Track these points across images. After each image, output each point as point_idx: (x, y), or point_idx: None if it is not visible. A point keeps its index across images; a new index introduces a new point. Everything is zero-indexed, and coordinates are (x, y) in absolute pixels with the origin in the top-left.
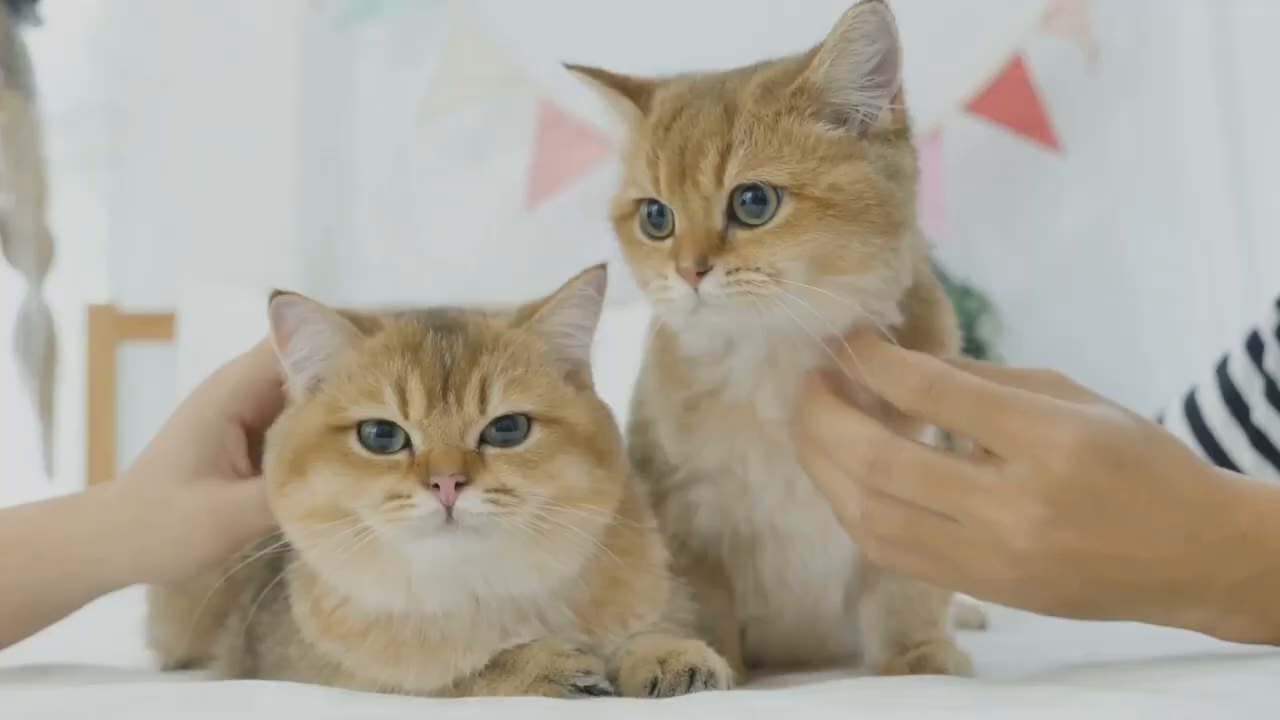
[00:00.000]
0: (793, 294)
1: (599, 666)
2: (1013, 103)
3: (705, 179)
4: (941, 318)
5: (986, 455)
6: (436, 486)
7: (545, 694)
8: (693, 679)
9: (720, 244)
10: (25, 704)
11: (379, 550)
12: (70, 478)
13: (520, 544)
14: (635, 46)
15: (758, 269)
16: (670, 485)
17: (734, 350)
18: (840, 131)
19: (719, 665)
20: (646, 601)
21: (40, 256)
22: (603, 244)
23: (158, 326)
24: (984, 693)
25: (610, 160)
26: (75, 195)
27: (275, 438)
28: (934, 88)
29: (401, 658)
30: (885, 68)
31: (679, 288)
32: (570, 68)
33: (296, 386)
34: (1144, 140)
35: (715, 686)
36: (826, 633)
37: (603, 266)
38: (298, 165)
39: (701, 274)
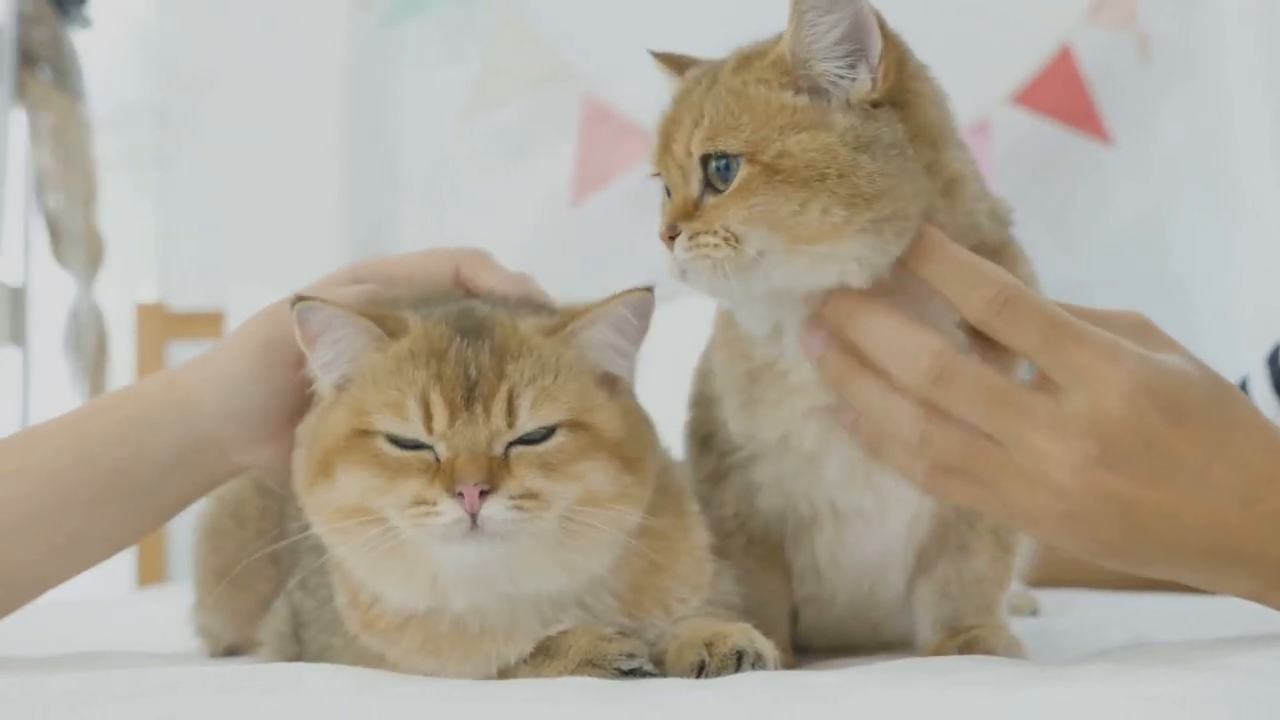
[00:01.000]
0: (751, 259)
1: (642, 649)
2: (1061, 95)
3: (679, 148)
4: (1021, 268)
5: (1046, 384)
6: (461, 494)
7: (588, 677)
8: (740, 661)
9: (693, 211)
10: (73, 684)
11: (406, 550)
12: None
13: (547, 545)
14: (681, 41)
15: (714, 232)
16: (733, 464)
17: (783, 331)
18: (805, 100)
19: (766, 647)
20: (688, 585)
21: (90, 257)
22: (649, 241)
23: (206, 325)
24: (1032, 671)
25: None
26: (123, 195)
27: (304, 437)
28: (982, 80)
29: (441, 651)
30: (853, 37)
31: (666, 255)
32: (655, 55)
33: (324, 386)
34: (1194, 131)
35: (763, 669)
36: (882, 620)
37: (649, 290)
38: (343, 163)
39: (674, 239)
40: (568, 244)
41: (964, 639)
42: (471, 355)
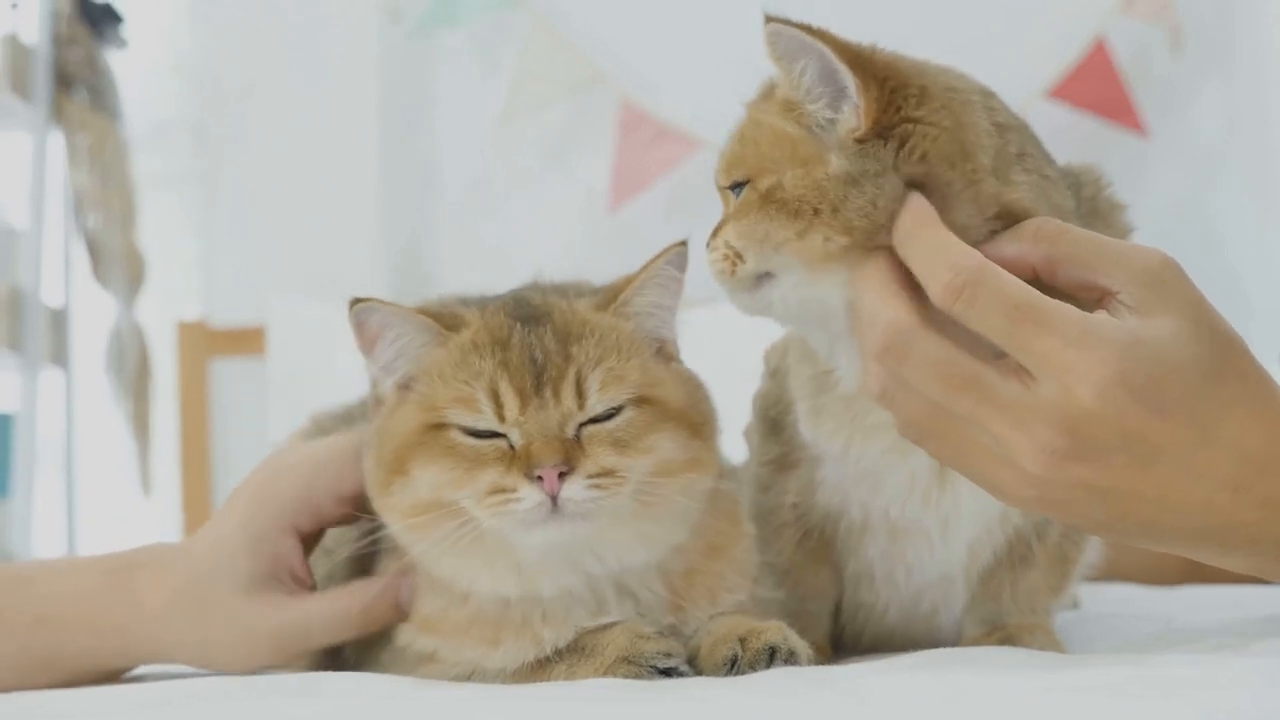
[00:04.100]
0: (752, 277)
1: (679, 649)
2: (1096, 87)
3: (718, 174)
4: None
5: (1019, 368)
6: (540, 478)
7: (624, 675)
8: (772, 657)
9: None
10: (96, 696)
11: (486, 540)
12: (167, 494)
13: (626, 519)
14: (714, 45)
15: (716, 247)
16: (802, 456)
17: (837, 351)
18: (805, 134)
19: (799, 645)
20: (738, 573)
21: (130, 276)
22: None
23: (248, 341)
24: (1056, 659)
25: (691, 159)
26: (163, 213)
27: (372, 440)
28: (1016, 75)
29: (500, 640)
30: (826, 79)
31: None
32: None
33: (386, 387)
34: (1231, 119)
35: (795, 665)
36: (939, 641)
37: (683, 244)
38: (381, 175)
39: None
40: (607, 249)
41: (1001, 635)
42: (535, 341)
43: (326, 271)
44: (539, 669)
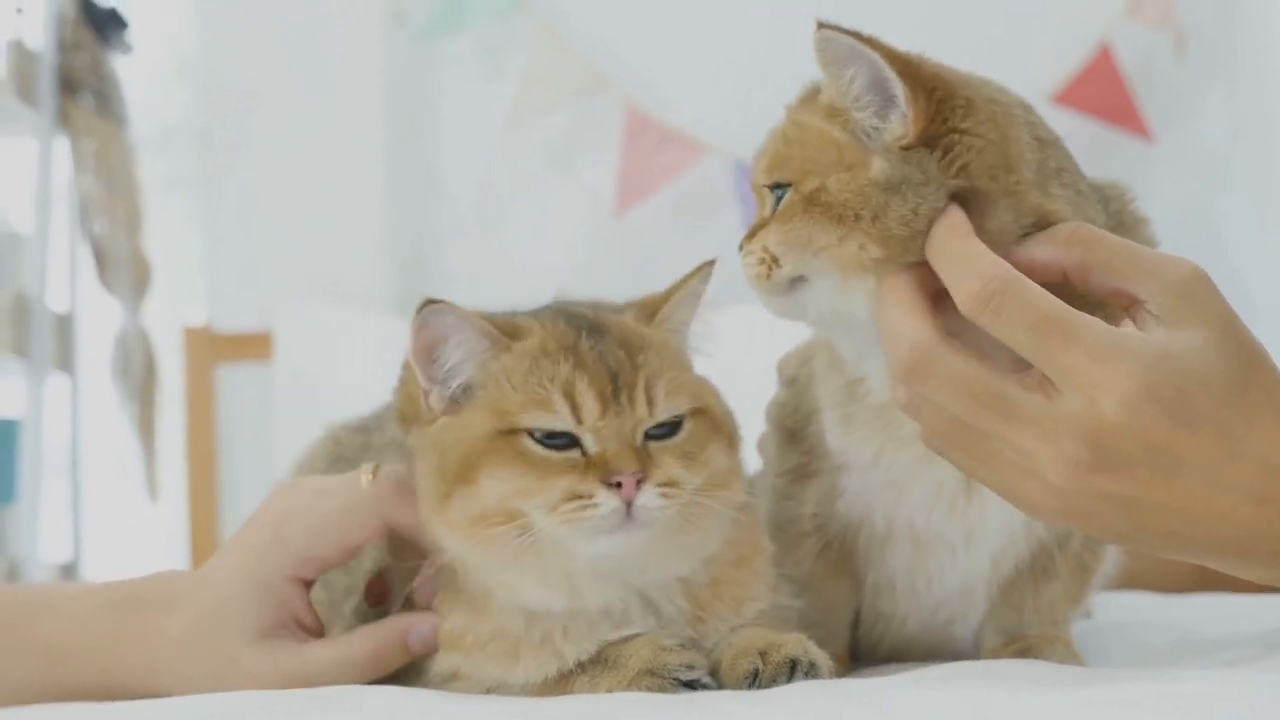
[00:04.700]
0: (787, 281)
1: (702, 661)
2: (1101, 93)
3: (755, 174)
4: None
5: (1044, 380)
6: (617, 485)
7: (648, 688)
8: (794, 670)
9: (757, 231)
10: (134, 713)
11: (543, 550)
12: (173, 500)
13: (672, 531)
14: (718, 50)
15: (753, 251)
16: (823, 465)
17: (865, 359)
18: (850, 139)
19: (820, 657)
20: (762, 582)
21: (136, 281)
22: (692, 249)
23: (254, 346)
24: (1080, 674)
25: (696, 164)
26: (168, 218)
27: (426, 449)
28: (1021, 81)
29: (520, 654)
30: (876, 87)
31: None
32: None
33: (439, 396)
34: (1236, 125)
35: (816, 677)
36: (956, 652)
37: (713, 262)
38: (386, 180)
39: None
40: (612, 255)
41: (1020, 646)
42: (605, 348)
43: (332, 276)
44: (561, 681)
